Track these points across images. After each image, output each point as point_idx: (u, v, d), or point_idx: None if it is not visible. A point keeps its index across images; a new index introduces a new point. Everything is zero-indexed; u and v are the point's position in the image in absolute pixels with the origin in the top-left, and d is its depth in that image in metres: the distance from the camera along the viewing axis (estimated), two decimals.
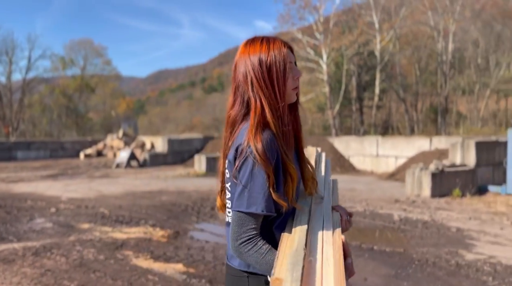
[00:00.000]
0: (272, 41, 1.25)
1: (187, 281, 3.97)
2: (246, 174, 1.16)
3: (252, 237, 1.16)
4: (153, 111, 73.17)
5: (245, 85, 1.24)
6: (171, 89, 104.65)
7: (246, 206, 1.15)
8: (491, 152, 9.10)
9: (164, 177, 12.02)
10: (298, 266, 0.97)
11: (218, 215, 6.99)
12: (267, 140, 1.16)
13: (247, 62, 1.25)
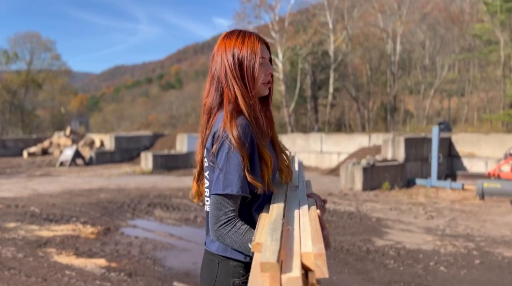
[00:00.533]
0: (248, 36, 1.32)
1: (105, 275, 4.03)
2: (223, 157, 1.20)
3: (230, 218, 1.19)
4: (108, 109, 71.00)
5: (220, 75, 1.30)
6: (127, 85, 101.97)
7: (222, 188, 1.19)
8: (419, 147, 9.71)
9: (108, 175, 11.85)
10: (277, 230, 1.00)
11: (154, 211, 7.05)
12: (242, 125, 1.22)
13: (222, 54, 1.30)
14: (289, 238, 1.02)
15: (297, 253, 0.93)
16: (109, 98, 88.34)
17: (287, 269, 0.87)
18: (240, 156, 1.19)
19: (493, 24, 29.55)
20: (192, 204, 7.59)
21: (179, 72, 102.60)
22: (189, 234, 5.74)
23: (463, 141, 10.68)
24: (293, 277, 0.84)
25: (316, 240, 0.96)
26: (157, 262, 4.53)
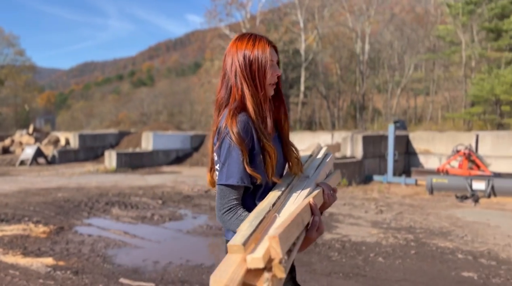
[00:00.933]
0: (258, 39, 1.42)
1: (50, 273, 4.02)
2: (224, 152, 1.31)
3: (232, 206, 1.31)
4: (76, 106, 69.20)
5: (230, 74, 1.39)
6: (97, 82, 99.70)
7: (225, 179, 1.31)
8: (377, 145, 10.03)
9: (70, 174, 11.64)
10: (258, 218, 1.09)
11: (111, 210, 7.02)
12: (242, 122, 1.31)
13: (233, 54, 1.40)
14: (271, 224, 1.10)
15: (268, 237, 1.00)
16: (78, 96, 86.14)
17: (254, 250, 0.96)
18: (239, 150, 1.29)
19: (455, 26, 30.64)
20: (149, 202, 7.59)
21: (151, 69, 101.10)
22: (144, 231, 5.77)
23: (420, 139, 11.09)
24: (255, 257, 0.92)
25: (280, 225, 1.02)
26: (107, 260, 4.55)
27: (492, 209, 6.60)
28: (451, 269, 3.87)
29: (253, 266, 0.92)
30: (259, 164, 1.34)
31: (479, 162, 8.07)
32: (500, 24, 28.24)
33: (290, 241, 1.03)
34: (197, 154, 15.09)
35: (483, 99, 27.68)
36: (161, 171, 12.55)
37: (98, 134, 16.64)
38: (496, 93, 24.38)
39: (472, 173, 7.90)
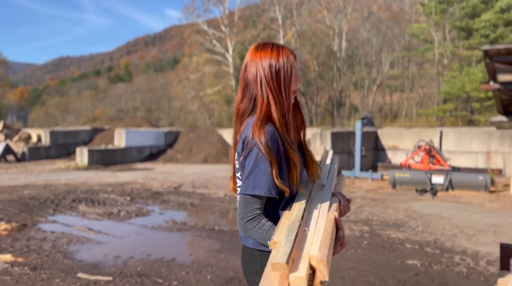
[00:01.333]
0: (282, 49, 1.42)
1: (7, 269, 4.04)
2: (252, 162, 1.30)
3: (256, 216, 1.31)
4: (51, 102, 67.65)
5: (254, 84, 1.38)
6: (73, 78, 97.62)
7: (251, 189, 1.31)
8: (346, 141, 10.27)
9: (39, 171, 11.49)
10: (293, 232, 1.10)
11: (78, 206, 7.01)
12: (270, 133, 1.31)
13: (258, 64, 1.38)
14: (303, 239, 1.12)
15: (306, 254, 1.02)
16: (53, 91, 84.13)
17: (295, 268, 0.98)
18: (267, 161, 1.29)
19: (429, 24, 31.36)
20: (117, 199, 7.61)
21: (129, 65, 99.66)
22: (108, 227, 5.80)
23: (388, 135, 11.40)
24: (298, 276, 0.95)
25: (323, 245, 1.05)
26: (68, 256, 4.58)
27: (448, 202, 6.90)
28: (398, 258, 4.07)
29: (295, 285, 0.96)
30: (285, 175, 1.36)
31: (438, 156, 8.38)
32: (471, 23, 29.03)
33: (330, 260, 1.06)
34: (171, 150, 15.08)
35: (454, 96, 28.46)
36: (133, 168, 12.51)
37: (70, 131, 16.42)
38: (467, 91, 25.11)
39: (432, 168, 8.21)
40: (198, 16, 34.63)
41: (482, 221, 5.54)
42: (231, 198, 7.68)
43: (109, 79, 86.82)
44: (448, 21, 30.22)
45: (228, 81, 33.94)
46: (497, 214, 6.01)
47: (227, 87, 34.59)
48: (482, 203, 6.77)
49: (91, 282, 3.81)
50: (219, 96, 35.98)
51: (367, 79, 37.33)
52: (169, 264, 4.33)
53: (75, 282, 3.80)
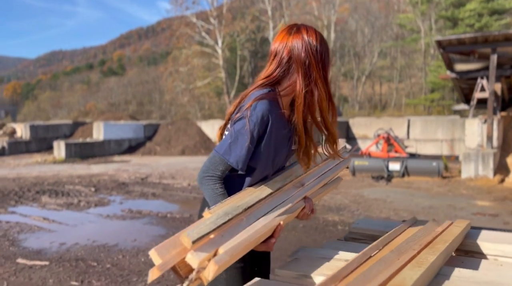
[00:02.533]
0: (323, 37, 1.41)
1: None
2: (235, 130, 1.33)
3: (216, 176, 1.35)
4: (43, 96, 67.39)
5: (297, 64, 1.37)
6: (65, 72, 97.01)
7: (223, 152, 1.34)
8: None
9: (15, 165, 11.62)
10: (226, 216, 1.10)
11: (41, 198, 7.17)
12: (262, 111, 1.32)
13: (305, 41, 1.36)
14: (231, 226, 1.12)
15: (216, 246, 1.04)
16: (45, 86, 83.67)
17: (199, 250, 1.00)
18: (248, 138, 1.31)
19: (415, 14, 31.44)
20: (82, 190, 7.77)
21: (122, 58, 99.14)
22: (64, 217, 5.97)
23: (359, 124, 11.59)
24: (193, 260, 0.98)
25: (233, 249, 1.05)
26: (15, 243, 4.75)
27: (400, 187, 7.12)
28: (325, 238, 4.27)
29: (188, 262, 0.99)
30: (261, 155, 1.37)
31: (396, 144, 8.59)
32: (456, 13, 29.08)
33: (232, 262, 1.06)
34: (150, 142, 15.22)
35: (440, 85, 28.62)
36: (110, 161, 12.66)
37: (51, 125, 16.51)
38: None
39: (391, 155, 8.41)
40: (187, 8, 34.49)
41: (422, 204, 5.75)
42: (193, 187, 7.86)
43: (102, 73, 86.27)
44: (434, 10, 30.30)
45: (218, 73, 33.94)
46: (439, 197, 6.23)
47: (217, 80, 34.61)
48: (431, 187, 6.99)
49: (27, 267, 3.98)
50: (210, 88, 36.00)
51: (356, 70, 37.46)
52: (110, 249, 4.51)
53: (11, 266, 3.97)
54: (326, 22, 35.64)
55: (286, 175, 1.44)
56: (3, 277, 3.72)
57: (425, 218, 5.15)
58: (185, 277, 1.02)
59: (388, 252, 1.26)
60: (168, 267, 0.99)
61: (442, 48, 7.41)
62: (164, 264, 0.97)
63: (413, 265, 1.18)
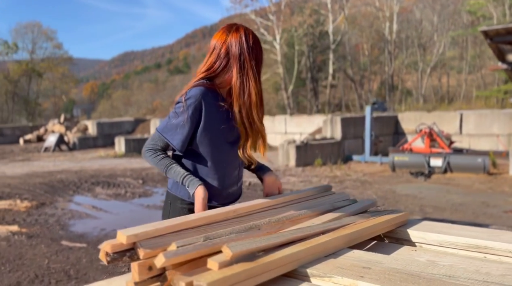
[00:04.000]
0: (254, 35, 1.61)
1: (8, 236, 4.89)
2: (174, 112, 1.55)
3: (155, 149, 1.58)
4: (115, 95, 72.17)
5: (234, 59, 1.55)
6: (136, 71, 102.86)
7: (161, 130, 1.57)
8: (358, 126, 10.29)
9: (81, 159, 12.78)
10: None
11: (95, 189, 7.90)
12: (193, 97, 1.52)
13: (240, 38, 1.56)
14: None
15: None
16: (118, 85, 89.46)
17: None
18: (183, 118, 1.52)
19: (487, 0, 29.24)
20: (131, 182, 8.42)
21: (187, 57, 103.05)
22: (110, 206, 6.58)
23: (408, 119, 11.19)
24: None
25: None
26: (64, 228, 5.38)
27: (438, 184, 6.84)
28: None
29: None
30: (203, 137, 1.57)
31: (439, 140, 8.19)
32: None
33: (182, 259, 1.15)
34: None
35: None
36: None
37: (115, 122, 17.82)
38: None
39: (433, 151, 8.05)
40: (246, 6, 35.12)
41: (453, 201, 5.53)
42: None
43: (169, 72, 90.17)
44: None
45: (276, 69, 34.17)
46: (476, 194, 5.92)
47: (275, 75, 34.85)
48: (472, 184, 6.64)
49: (68, 248, 4.52)
50: (268, 84, 36.38)
51: (421, 61, 35.68)
52: None
53: (55, 247, 4.54)
54: (388, 13, 34.33)
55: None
56: (46, 255, 4.27)
57: (448, 215, 4.98)
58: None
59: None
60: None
61: (489, 39, 6.98)
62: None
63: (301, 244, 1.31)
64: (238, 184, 1.79)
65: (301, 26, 33.95)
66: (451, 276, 1.16)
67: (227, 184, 1.71)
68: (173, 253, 1.13)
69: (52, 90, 36.27)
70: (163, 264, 1.10)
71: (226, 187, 1.70)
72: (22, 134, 21.42)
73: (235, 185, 1.76)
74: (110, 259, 1.15)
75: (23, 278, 3.66)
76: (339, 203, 1.86)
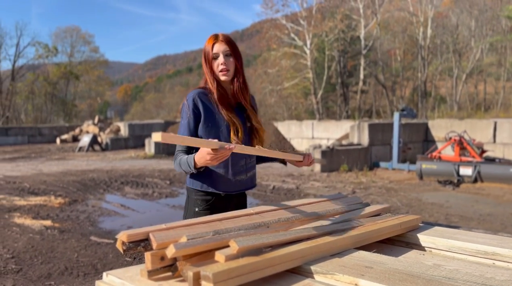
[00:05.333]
0: (209, 38, 1.90)
1: (42, 230, 5.15)
2: (181, 116, 1.86)
3: (176, 156, 1.82)
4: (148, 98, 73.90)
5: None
6: (168, 75, 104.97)
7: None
8: (387, 133, 10.16)
9: (113, 159, 13.21)
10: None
11: (124, 188, 8.17)
12: (190, 97, 1.82)
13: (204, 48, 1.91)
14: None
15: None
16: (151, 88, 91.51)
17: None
18: (185, 116, 1.81)
19: None
20: (159, 182, 8.65)
21: None
22: (137, 205, 6.79)
23: (439, 126, 10.94)
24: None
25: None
26: (94, 224, 5.61)
27: (466, 193, 6.66)
28: None
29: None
30: (204, 131, 1.80)
31: (470, 148, 7.94)
32: None
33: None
34: None
35: None
36: None
37: (145, 123, 18.30)
38: None
39: (463, 159, 7.83)
40: (277, 11, 35.35)
41: (481, 211, 5.37)
42: (260, 184, 8.24)
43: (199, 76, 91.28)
44: None
45: (306, 74, 34.11)
46: (506, 205, 5.72)
47: (305, 80, 34.80)
48: (502, 195, 6.42)
49: (96, 243, 4.72)
50: (297, 89, 36.35)
51: (456, 68, 34.71)
52: None
53: (84, 242, 4.75)
54: (422, 18, 33.65)
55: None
56: (76, 250, 4.47)
57: (475, 224, 4.86)
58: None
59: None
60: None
61: None
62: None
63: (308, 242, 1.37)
64: (247, 174, 1.91)
65: (332, 31, 33.77)
66: (451, 278, 1.19)
67: (233, 172, 1.86)
68: (183, 244, 1.21)
69: (88, 92, 37.63)
70: (173, 254, 1.18)
71: (233, 175, 1.86)
72: (59, 134, 22.31)
73: (243, 174, 1.89)
74: (125, 248, 1.24)
75: (54, 269, 3.86)
76: (350, 206, 1.90)
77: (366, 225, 1.64)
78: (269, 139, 15.15)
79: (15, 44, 32.62)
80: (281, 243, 1.34)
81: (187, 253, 1.22)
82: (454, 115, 27.61)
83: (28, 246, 4.50)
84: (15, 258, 4.12)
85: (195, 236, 1.28)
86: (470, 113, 31.55)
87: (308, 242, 1.38)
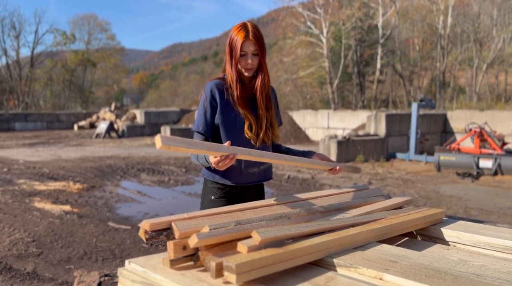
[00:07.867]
0: (237, 28, 1.84)
1: (61, 215, 5.25)
2: (199, 106, 1.88)
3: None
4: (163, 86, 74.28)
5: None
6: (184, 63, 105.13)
7: (195, 127, 1.86)
8: (404, 123, 10.00)
9: (129, 146, 13.35)
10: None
11: (141, 175, 8.26)
12: (206, 89, 1.83)
13: (229, 37, 1.85)
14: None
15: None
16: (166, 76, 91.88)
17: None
18: (203, 107, 1.83)
19: None
20: (175, 170, 8.71)
21: None
22: (154, 191, 6.86)
23: (458, 117, 10.73)
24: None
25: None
26: (111, 210, 5.69)
27: (486, 186, 6.53)
28: None
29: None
30: (222, 121, 1.81)
31: (490, 140, 7.76)
32: None
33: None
34: None
35: None
36: None
37: (161, 111, 18.42)
38: None
39: (483, 151, 7.65)
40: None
41: (501, 204, 5.26)
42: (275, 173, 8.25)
43: (215, 64, 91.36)
44: None
45: (322, 63, 33.76)
46: None
47: (321, 69, 34.45)
48: None
49: (114, 229, 4.79)
50: (312, 78, 36.02)
51: (476, 58, 33.88)
52: None
53: (103, 228, 4.82)
54: (442, 6, 32.83)
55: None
56: (94, 235, 4.55)
57: (495, 218, 4.76)
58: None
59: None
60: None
61: None
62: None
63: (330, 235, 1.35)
64: (260, 167, 1.90)
65: (349, 19, 33.22)
66: (479, 275, 1.16)
67: (246, 164, 1.86)
68: (205, 234, 1.20)
69: (104, 79, 37.97)
70: (195, 244, 1.18)
71: (245, 167, 1.86)
72: (77, 121, 22.65)
73: (256, 167, 1.89)
74: (148, 236, 1.24)
75: (73, 254, 3.93)
76: (372, 198, 1.87)
77: (388, 218, 1.61)
78: (284, 128, 15.08)
79: (34, 31, 33.07)
80: (303, 235, 1.33)
81: (209, 243, 1.21)
82: (474, 107, 27.02)
83: (48, 230, 4.59)
84: (36, 242, 4.21)
85: (217, 226, 1.27)
86: (490, 105, 30.81)
87: (330, 234, 1.36)
